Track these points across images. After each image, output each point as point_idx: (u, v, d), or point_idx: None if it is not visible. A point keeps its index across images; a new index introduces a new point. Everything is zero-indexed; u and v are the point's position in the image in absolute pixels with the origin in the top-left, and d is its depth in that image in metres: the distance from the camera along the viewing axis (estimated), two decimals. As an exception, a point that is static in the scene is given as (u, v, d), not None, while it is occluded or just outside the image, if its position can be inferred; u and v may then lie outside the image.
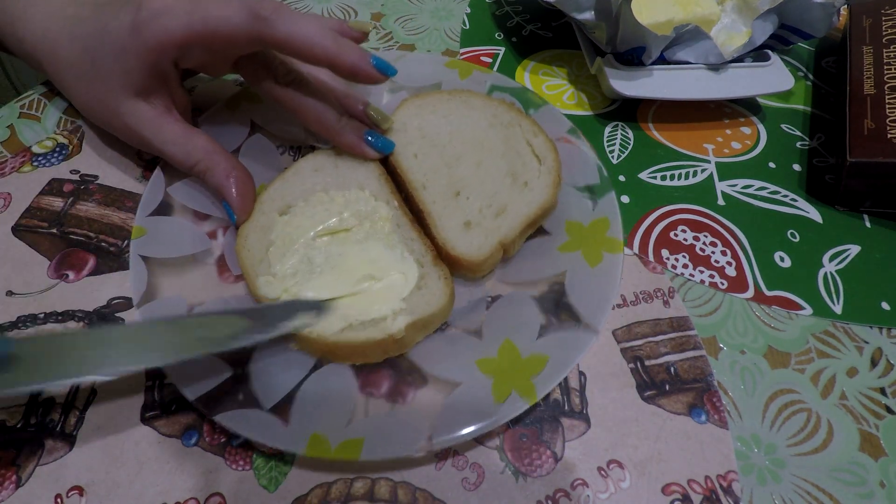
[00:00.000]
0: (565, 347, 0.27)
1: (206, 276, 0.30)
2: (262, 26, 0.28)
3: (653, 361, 0.30)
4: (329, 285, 0.28)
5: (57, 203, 0.34)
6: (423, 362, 0.28)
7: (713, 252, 0.35)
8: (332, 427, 0.25)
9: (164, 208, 0.32)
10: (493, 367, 0.27)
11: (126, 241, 0.33)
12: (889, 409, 0.29)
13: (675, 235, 0.35)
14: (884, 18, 0.42)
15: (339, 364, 0.27)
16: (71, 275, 0.31)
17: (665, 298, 0.32)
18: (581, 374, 0.29)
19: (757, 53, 0.42)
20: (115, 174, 0.36)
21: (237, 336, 0.25)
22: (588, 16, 0.40)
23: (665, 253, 0.34)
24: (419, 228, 0.31)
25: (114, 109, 0.31)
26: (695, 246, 0.35)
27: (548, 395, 0.28)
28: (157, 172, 0.33)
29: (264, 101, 0.37)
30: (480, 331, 0.29)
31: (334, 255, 0.30)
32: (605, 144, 0.41)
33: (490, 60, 0.47)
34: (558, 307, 0.29)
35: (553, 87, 0.44)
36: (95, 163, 0.36)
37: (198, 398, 0.25)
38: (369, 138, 0.33)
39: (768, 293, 0.33)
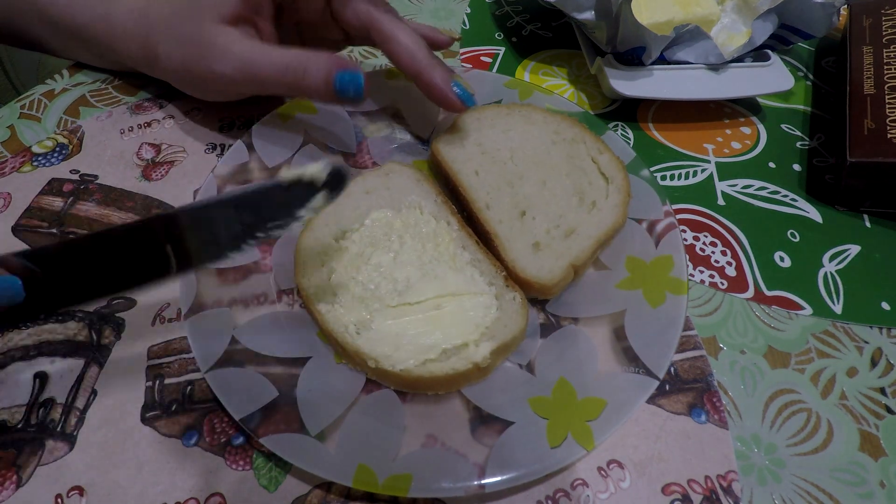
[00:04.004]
0: (625, 392, 0.26)
1: (255, 290, 0.29)
2: None
3: (653, 361, 0.29)
4: (401, 314, 0.27)
5: (57, 203, 0.34)
6: (473, 396, 0.26)
7: (713, 252, 0.35)
8: (379, 459, 0.24)
9: None
10: (547, 407, 0.26)
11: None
12: (889, 409, 0.29)
13: (675, 235, 0.35)
14: (884, 18, 0.42)
15: (386, 389, 0.27)
16: (71, 275, 0.31)
17: (665, 298, 0.32)
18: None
19: (757, 53, 0.42)
20: (114, 174, 0.36)
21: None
22: (588, 16, 0.40)
23: (665, 253, 0.34)
24: (486, 250, 0.30)
25: (206, 42, 0.31)
26: (695, 246, 0.35)
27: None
28: (210, 178, 0.32)
29: (317, 111, 0.37)
30: (533, 365, 0.28)
31: (400, 281, 0.28)
32: (605, 144, 0.41)
33: (490, 60, 0.47)
34: (617, 348, 0.27)
35: (553, 88, 0.44)
36: (95, 163, 0.36)
37: (244, 418, 0.24)
38: (455, 88, 0.32)
39: (768, 293, 0.33)
